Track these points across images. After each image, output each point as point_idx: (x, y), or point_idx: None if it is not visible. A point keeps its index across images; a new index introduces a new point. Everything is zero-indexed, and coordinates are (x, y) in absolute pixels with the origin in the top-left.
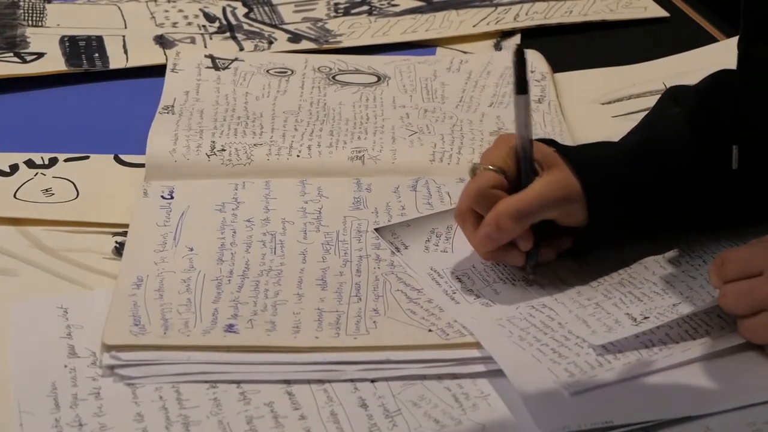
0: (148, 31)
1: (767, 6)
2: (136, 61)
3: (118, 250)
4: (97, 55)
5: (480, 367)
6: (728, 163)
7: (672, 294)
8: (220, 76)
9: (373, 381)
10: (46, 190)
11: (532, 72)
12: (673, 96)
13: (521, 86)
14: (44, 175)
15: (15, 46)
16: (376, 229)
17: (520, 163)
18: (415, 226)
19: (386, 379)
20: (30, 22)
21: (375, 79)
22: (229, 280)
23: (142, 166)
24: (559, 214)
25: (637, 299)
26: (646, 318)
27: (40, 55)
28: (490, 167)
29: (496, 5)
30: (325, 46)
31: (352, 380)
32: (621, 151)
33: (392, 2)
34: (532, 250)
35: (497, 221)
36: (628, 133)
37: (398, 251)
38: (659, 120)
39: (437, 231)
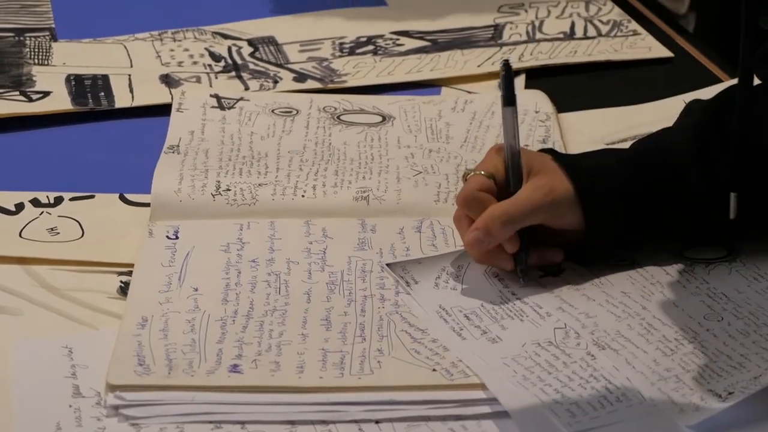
0: (153, 70)
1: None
2: (141, 100)
3: (123, 289)
4: (102, 93)
5: (485, 409)
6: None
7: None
8: (225, 116)
9: (377, 422)
10: (52, 229)
11: (536, 112)
12: (688, 109)
13: (509, 99)
14: (50, 214)
15: (21, 84)
16: (387, 264)
17: (508, 171)
18: (426, 263)
19: (390, 420)
20: (36, 61)
21: (380, 119)
22: (233, 320)
23: (147, 205)
24: (547, 217)
25: (716, 374)
26: (730, 393)
27: (46, 93)
28: (480, 172)
29: (501, 45)
30: (330, 86)
31: (356, 421)
32: (621, 156)
33: (397, 42)
34: (521, 255)
35: (486, 225)
36: (634, 143)
37: (408, 286)
38: (665, 130)
39: (448, 269)
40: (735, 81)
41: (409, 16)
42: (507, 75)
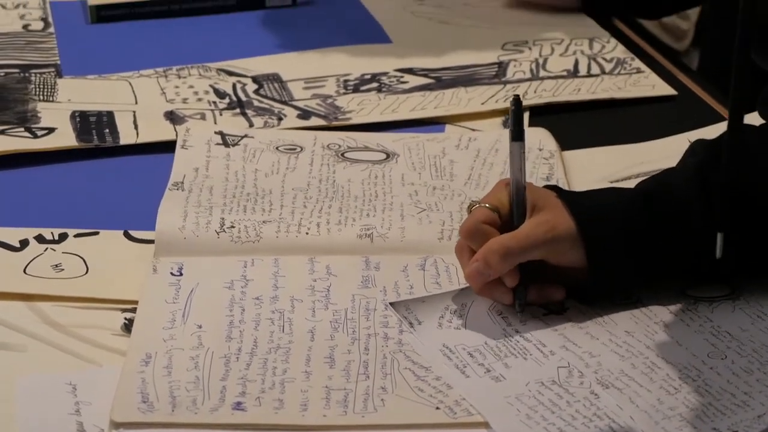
0: (158, 107)
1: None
2: (146, 136)
3: (127, 326)
4: (107, 130)
5: None
6: (737, 216)
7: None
8: (229, 153)
9: None
10: (56, 265)
11: (540, 150)
12: (693, 149)
13: (517, 133)
14: (54, 250)
15: (26, 120)
16: (390, 304)
17: (512, 205)
18: (429, 302)
19: None
20: (41, 97)
21: (384, 156)
22: (237, 358)
23: (151, 242)
24: (547, 254)
25: (720, 413)
26: None
27: (50, 130)
28: (485, 205)
29: (505, 83)
30: (335, 123)
31: None
32: (625, 195)
33: (401, 79)
34: (520, 290)
35: (485, 257)
36: (639, 182)
37: (411, 326)
38: (671, 170)
39: (451, 308)
40: None
41: (413, 53)
42: (516, 110)
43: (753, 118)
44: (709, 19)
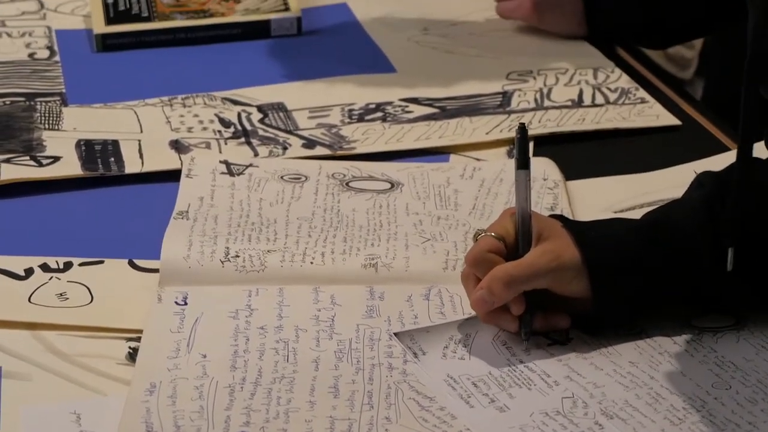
0: (163, 136)
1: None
2: (151, 165)
3: (132, 355)
4: (112, 159)
5: None
6: (740, 251)
7: None
8: (234, 182)
9: None
10: (61, 294)
11: (544, 179)
12: (699, 181)
13: (522, 162)
14: (59, 279)
15: (31, 149)
16: (395, 334)
17: (518, 234)
18: (434, 332)
19: None
20: (46, 126)
21: (388, 185)
22: (241, 388)
23: (156, 271)
24: (551, 283)
25: None
26: None
27: (56, 158)
28: (491, 234)
29: (509, 112)
30: (339, 152)
31: None
32: (631, 227)
33: (406, 109)
34: (525, 317)
35: (489, 285)
36: (646, 213)
37: (416, 357)
38: (678, 202)
39: (456, 338)
40: None
41: (418, 82)
42: (522, 138)
43: (759, 149)
44: (713, 48)
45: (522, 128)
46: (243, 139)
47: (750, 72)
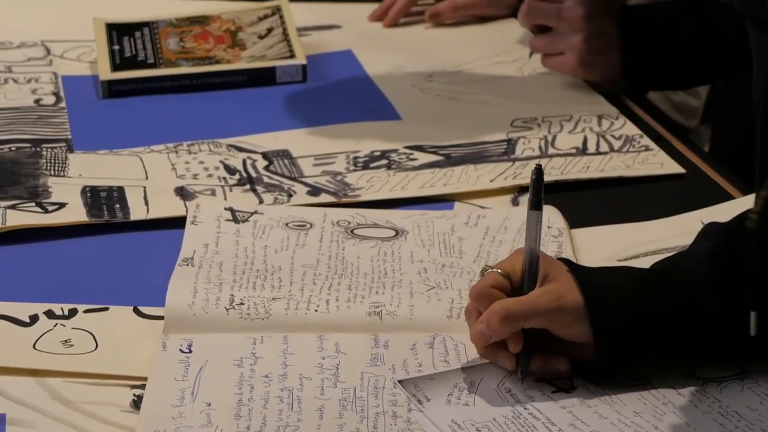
0: (168, 183)
1: None
2: (156, 212)
3: (136, 403)
4: (118, 206)
5: None
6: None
7: None
8: (239, 229)
9: None
10: (66, 341)
11: (549, 227)
12: (705, 232)
13: (536, 202)
14: (64, 326)
15: (37, 195)
16: (399, 381)
17: (524, 273)
18: (438, 379)
19: None
20: (52, 172)
21: (393, 233)
22: None
23: (161, 318)
24: (550, 323)
25: None
26: None
27: (61, 205)
28: (497, 270)
29: (514, 160)
30: (344, 200)
31: None
32: (637, 275)
33: (411, 157)
34: (523, 356)
35: (488, 319)
36: (652, 264)
37: (420, 404)
38: (684, 253)
39: (460, 385)
40: (747, 198)
41: (423, 130)
42: (537, 179)
43: None
44: (719, 98)
45: (538, 170)
46: (248, 186)
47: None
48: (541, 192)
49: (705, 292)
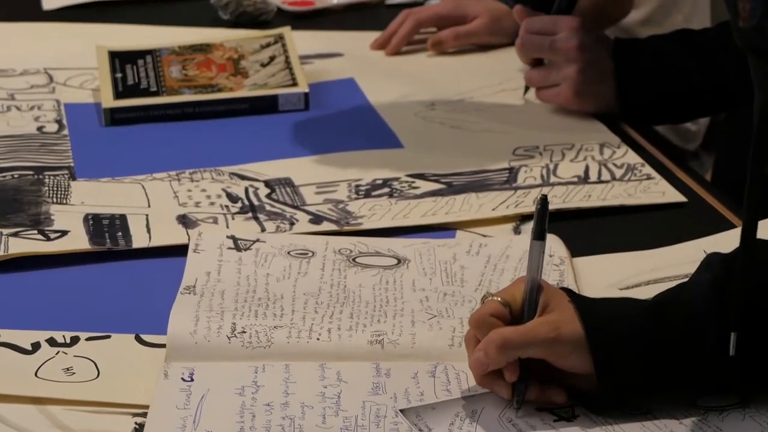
0: (171, 211)
1: None
2: (158, 240)
3: (138, 431)
4: (120, 233)
5: None
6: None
7: None
8: (241, 257)
9: None
10: (67, 369)
11: (551, 256)
12: (707, 262)
13: (539, 232)
14: (66, 353)
15: (39, 223)
16: (401, 410)
17: (525, 302)
18: (440, 409)
19: None
20: (55, 200)
21: (395, 261)
22: None
23: (163, 346)
24: (548, 354)
25: None
26: None
27: (64, 232)
28: (497, 298)
29: (516, 189)
30: (346, 228)
31: None
32: (637, 306)
33: (413, 185)
34: (519, 386)
35: (485, 347)
36: (654, 296)
37: None
38: (685, 284)
39: (461, 415)
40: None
41: (425, 158)
42: (542, 209)
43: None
44: (720, 125)
45: (543, 200)
46: (250, 214)
47: (756, 152)
48: (545, 222)
49: (706, 322)
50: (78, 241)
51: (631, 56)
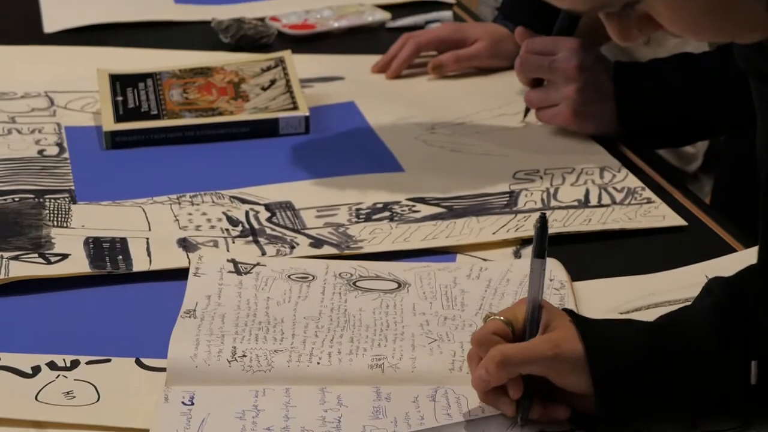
0: (171, 234)
1: None
2: (159, 264)
3: None
4: (120, 257)
5: None
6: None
7: None
8: (242, 281)
9: None
10: (68, 392)
11: (551, 280)
12: (708, 287)
13: (539, 251)
14: (66, 377)
15: (40, 246)
16: None
17: (526, 321)
18: None
19: None
20: (55, 223)
21: (395, 285)
22: None
23: (163, 370)
24: (548, 371)
25: None
26: None
27: (64, 256)
28: (499, 317)
29: (516, 212)
30: (347, 252)
31: None
32: (639, 328)
33: (413, 209)
34: (523, 402)
35: (485, 365)
36: (656, 318)
37: None
38: (687, 308)
39: None
40: (749, 251)
41: (426, 181)
42: (542, 228)
43: None
44: (720, 147)
45: (542, 219)
46: (250, 238)
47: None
48: (545, 241)
49: (708, 346)
50: (78, 264)
51: (631, 80)
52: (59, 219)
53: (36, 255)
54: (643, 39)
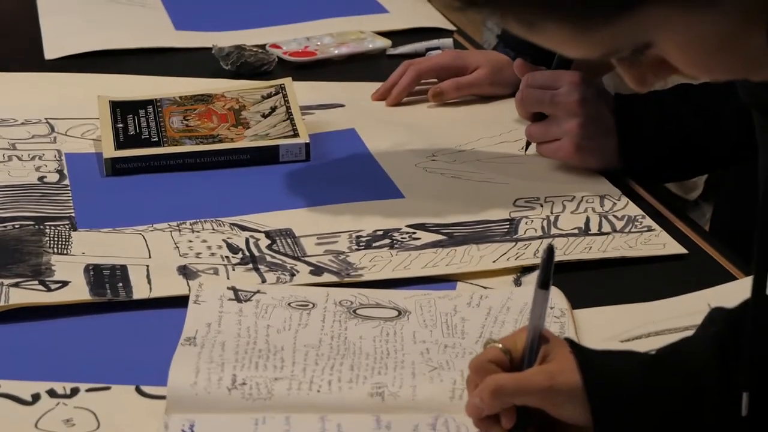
0: (171, 261)
1: None
2: (159, 291)
3: None
4: (121, 284)
5: None
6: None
7: None
8: (242, 309)
9: None
10: (67, 420)
11: (551, 308)
12: (710, 318)
13: (544, 281)
14: (66, 405)
15: (40, 273)
16: None
17: (526, 350)
18: None
19: None
20: (55, 250)
21: (395, 313)
22: None
23: (163, 398)
24: (544, 402)
25: None
26: None
27: (64, 283)
28: (498, 345)
29: (516, 240)
30: (347, 280)
31: None
32: (638, 359)
33: (413, 236)
34: None
35: (480, 393)
36: (657, 350)
37: None
38: (688, 339)
39: None
40: (750, 279)
41: (426, 208)
42: (548, 258)
43: None
44: (721, 176)
45: (550, 249)
46: (251, 266)
47: (764, 211)
48: (551, 271)
49: (708, 378)
50: (78, 291)
51: (632, 114)
52: (59, 246)
53: (36, 282)
54: (660, 83)
